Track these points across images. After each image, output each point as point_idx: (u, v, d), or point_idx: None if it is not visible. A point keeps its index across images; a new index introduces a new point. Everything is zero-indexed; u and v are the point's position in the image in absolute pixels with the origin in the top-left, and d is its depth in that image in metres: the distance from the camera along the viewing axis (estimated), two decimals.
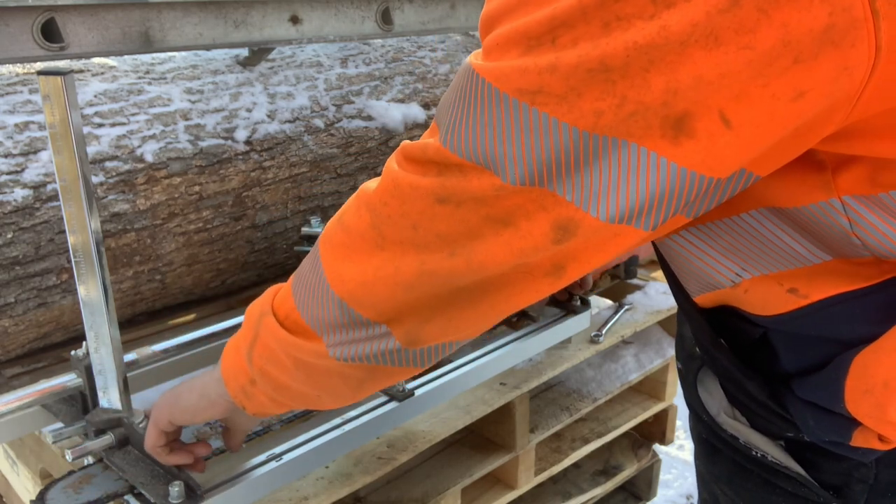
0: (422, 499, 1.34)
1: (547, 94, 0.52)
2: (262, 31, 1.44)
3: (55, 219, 1.21)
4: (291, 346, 0.74)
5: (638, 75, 0.50)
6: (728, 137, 0.51)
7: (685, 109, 0.50)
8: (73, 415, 1.06)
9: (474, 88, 0.56)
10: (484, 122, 0.56)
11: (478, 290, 0.64)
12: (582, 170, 0.54)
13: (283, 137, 1.50)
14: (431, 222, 0.61)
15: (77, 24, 1.20)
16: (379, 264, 0.65)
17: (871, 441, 0.67)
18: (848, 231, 0.61)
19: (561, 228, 0.57)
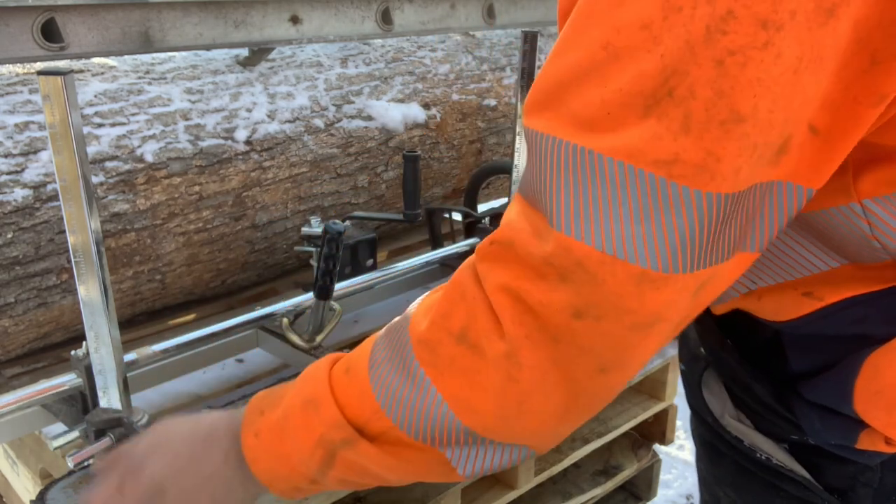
0: (422, 499, 1.34)
1: (684, 164, 0.47)
2: (262, 31, 1.44)
3: (55, 219, 1.21)
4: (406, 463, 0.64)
5: (766, 118, 0.47)
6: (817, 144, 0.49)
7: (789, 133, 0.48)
8: (73, 415, 1.06)
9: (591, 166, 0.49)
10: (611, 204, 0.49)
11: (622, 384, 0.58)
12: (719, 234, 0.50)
13: (283, 137, 1.50)
14: (573, 338, 0.53)
15: (77, 24, 1.20)
16: (522, 396, 0.56)
17: (877, 444, 0.66)
18: (868, 235, 0.60)
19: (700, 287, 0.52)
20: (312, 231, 1.46)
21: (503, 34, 2.08)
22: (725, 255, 0.51)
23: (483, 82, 1.93)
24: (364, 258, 1.49)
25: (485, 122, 1.91)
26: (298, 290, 1.51)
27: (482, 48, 1.99)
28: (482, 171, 1.77)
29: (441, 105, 1.81)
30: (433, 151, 1.81)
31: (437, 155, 1.82)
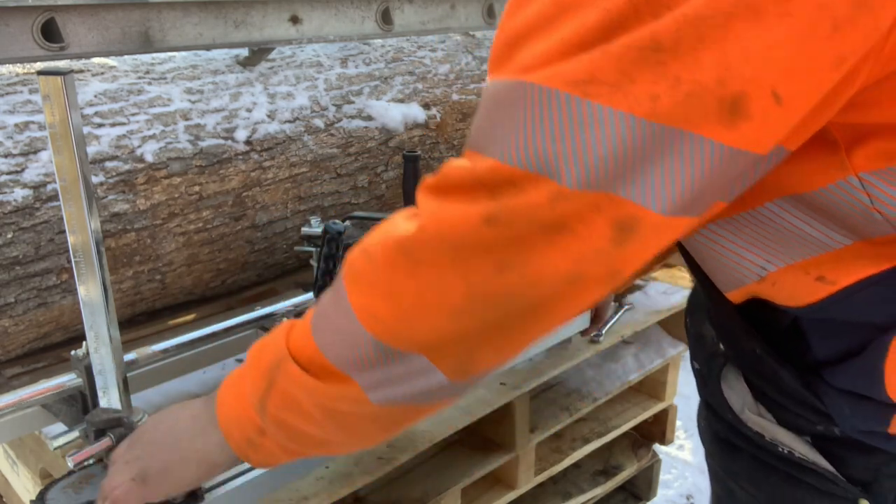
0: (422, 499, 1.34)
1: (599, 83, 0.51)
2: (262, 31, 1.44)
3: (55, 219, 1.21)
4: (321, 393, 0.68)
5: (689, 53, 0.49)
6: (779, 113, 0.51)
7: (740, 90, 0.50)
8: (73, 415, 1.06)
9: (519, 95, 0.54)
10: (535, 126, 0.53)
11: (531, 309, 0.59)
12: (640, 163, 0.52)
13: (283, 137, 1.50)
14: (477, 242, 0.57)
15: (77, 24, 1.20)
16: (417, 294, 0.60)
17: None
18: (869, 207, 0.60)
19: (621, 227, 0.54)
20: (312, 231, 1.45)
21: None
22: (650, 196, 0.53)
23: (483, 82, 1.93)
24: None
25: None
26: (298, 290, 1.51)
27: (482, 48, 1.99)
28: None
29: (441, 105, 1.81)
30: (433, 151, 1.81)
31: (437, 155, 1.82)
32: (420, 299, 0.60)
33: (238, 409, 0.74)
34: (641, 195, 0.52)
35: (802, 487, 0.76)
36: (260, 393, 0.71)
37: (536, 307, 0.59)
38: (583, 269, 0.56)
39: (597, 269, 0.56)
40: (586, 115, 0.51)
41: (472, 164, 0.57)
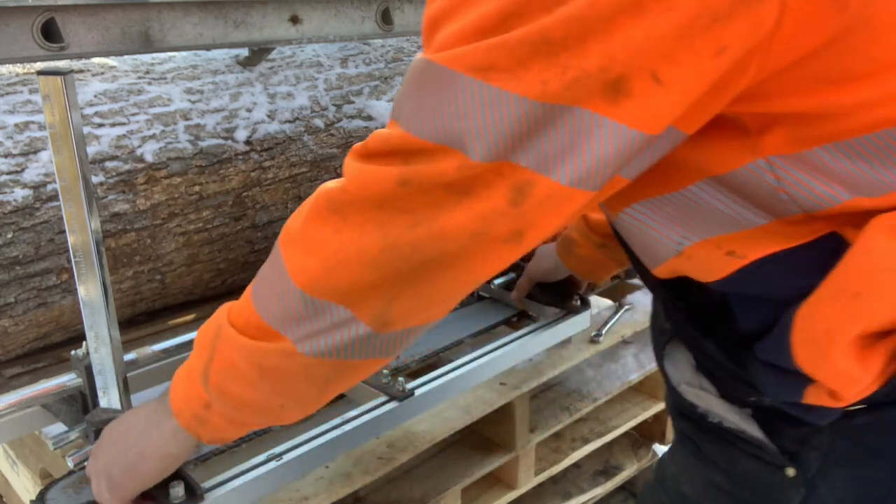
0: (422, 499, 1.34)
1: (497, 70, 0.57)
2: (262, 31, 1.43)
3: (55, 219, 1.21)
4: (255, 351, 0.73)
5: (576, 46, 0.55)
6: (660, 94, 0.56)
7: (621, 73, 0.55)
8: (73, 415, 1.06)
9: (432, 75, 0.60)
10: (445, 104, 0.59)
11: (441, 263, 0.65)
12: (535, 137, 0.58)
13: (283, 137, 1.50)
14: (394, 202, 0.63)
15: (77, 24, 1.20)
16: (340, 247, 0.66)
17: (822, 398, 0.68)
18: (776, 188, 0.65)
19: (517, 190, 0.60)
20: None
21: None
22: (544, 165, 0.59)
23: None
24: None
25: None
26: None
27: None
28: None
29: None
30: None
31: None
32: (342, 252, 0.66)
33: (187, 386, 0.79)
34: (536, 164, 0.59)
35: (736, 450, 0.80)
36: (203, 364, 0.76)
37: (445, 260, 0.65)
38: (485, 226, 0.62)
39: (498, 228, 0.62)
40: (487, 96, 0.58)
41: (390, 133, 0.64)
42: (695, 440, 0.87)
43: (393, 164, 0.63)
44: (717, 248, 0.71)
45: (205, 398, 0.77)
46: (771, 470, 0.76)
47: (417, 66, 0.62)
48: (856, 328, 0.64)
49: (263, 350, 0.72)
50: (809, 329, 0.66)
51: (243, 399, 0.75)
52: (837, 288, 0.64)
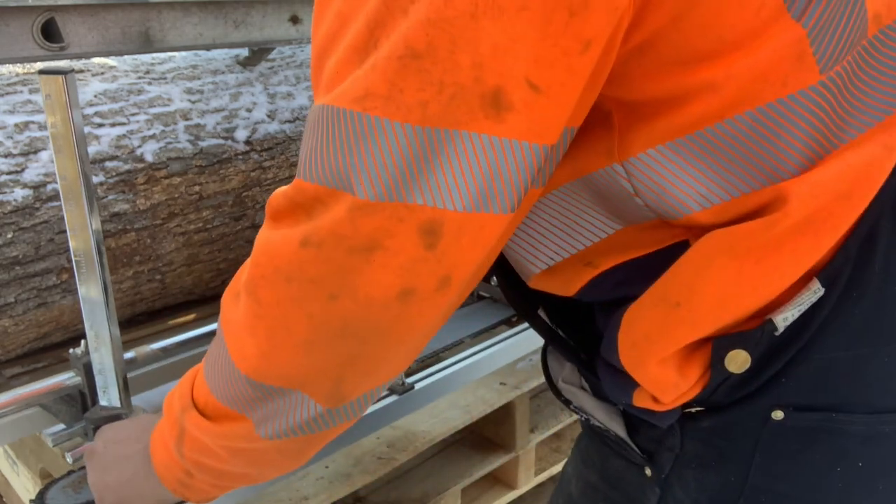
0: (422, 499, 1.34)
1: (374, 97, 0.53)
2: (262, 31, 1.43)
3: (55, 219, 1.21)
4: (219, 436, 0.70)
5: (447, 58, 0.52)
6: (542, 102, 0.53)
7: (496, 84, 0.52)
8: (72, 415, 1.06)
9: (319, 118, 0.56)
10: (330, 144, 0.55)
11: (379, 332, 0.60)
12: (425, 167, 0.54)
13: (283, 137, 1.50)
14: (300, 270, 0.58)
15: (77, 24, 1.20)
16: (267, 332, 0.61)
17: (647, 401, 0.68)
18: (631, 193, 0.62)
19: (427, 232, 0.55)
20: None
21: None
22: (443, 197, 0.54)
23: None
24: None
25: None
26: None
27: None
28: None
29: None
30: None
31: None
32: (272, 337, 0.61)
33: (165, 456, 0.76)
34: (435, 197, 0.54)
35: (608, 450, 0.80)
36: (175, 440, 0.74)
37: (382, 329, 0.59)
38: (409, 282, 0.57)
39: (424, 280, 0.57)
40: (367, 127, 0.53)
41: (289, 189, 0.59)
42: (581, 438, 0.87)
43: (299, 223, 0.58)
44: (579, 261, 0.69)
45: (184, 468, 0.75)
46: (634, 469, 0.76)
47: (310, 115, 0.58)
48: (674, 336, 0.63)
49: (227, 434, 0.69)
50: (631, 332, 0.65)
51: (222, 471, 0.73)
52: (660, 295, 0.63)
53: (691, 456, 0.70)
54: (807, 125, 0.58)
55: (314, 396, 0.64)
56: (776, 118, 0.57)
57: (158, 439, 0.78)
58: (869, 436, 0.64)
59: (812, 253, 0.60)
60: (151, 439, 0.79)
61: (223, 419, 0.69)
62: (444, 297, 0.59)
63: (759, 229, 0.58)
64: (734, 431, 0.67)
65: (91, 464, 0.86)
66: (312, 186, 0.57)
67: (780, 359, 0.63)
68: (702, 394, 0.66)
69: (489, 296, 1.53)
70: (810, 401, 0.64)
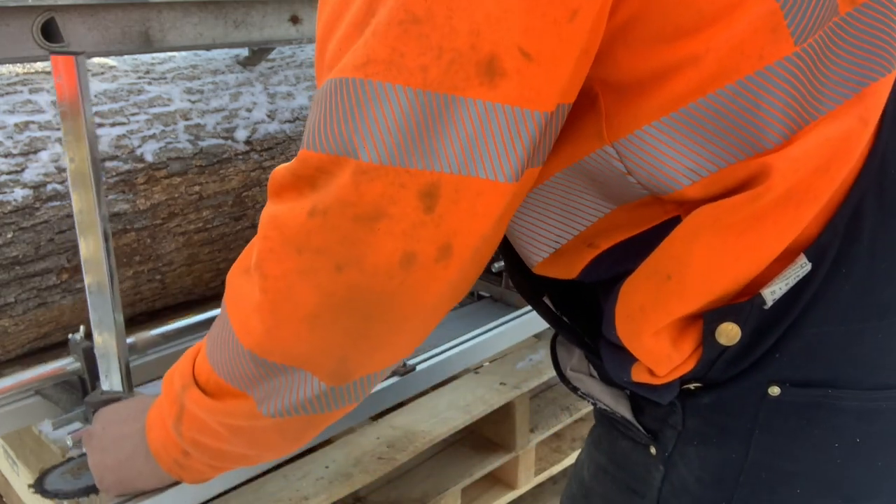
0: (422, 499, 1.34)
1: (375, 62, 0.54)
2: (262, 31, 1.44)
3: (55, 219, 1.21)
4: (221, 413, 0.71)
5: (445, 23, 0.53)
6: (534, 69, 0.55)
7: (491, 52, 0.54)
8: (72, 401, 1.06)
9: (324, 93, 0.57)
10: (334, 114, 0.57)
11: (384, 303, 0.61)
12: (425, 131, 0.55)
13: (283, 137, 1.50)
14: (308, 240, 0.59)
15: (77, 24, 1.20)
16: (273, 306, 0.62)
17: (644, 375, 0.69)
18: (624, 173, 0.64)
19: (426, 195, 0.56)
20: None
21: None
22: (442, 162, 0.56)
23: None
24: None
25: None
26: None
27: None
28: None
29: None
30: None
31: None
32: (279, 312, 0.62)
33: (162, 435, 0.77)
34: (433, 162, 0.55)
35: (616, 433, 0.82)
36: (173, 418, 0.75)
37: (386, 299, 0.60)
38: (410, 247, 0.58)
39: (425, 246, 0.58)
40: (370, 92, 0.55)
41: (296, 160, 0.60)
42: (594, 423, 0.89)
43: (304, 194, 0.59)
44: (582, 243, 0.71)
45: (181, 447, 0.76)
46: (640, 449, 0.78)
47: (315, 96, 0.59)
48: (666, 308, 0.64)
49: (228, 411, 0.70)
50: (627, 304, 0.67)
51: (218, 450, 0.74)
52: (653, 268, 0.65)
53: (693, 433, 0.72)
54: (785, 95, 0.59)
55: (318, 374, 0.65)
56: (755, 89, 0.59)
57: (156, 418, 0.79)
58: (864, 411, 0.66)
59: (793, 226, 0.62)
60: (148, 418, 0.80)
61: (225, 396, 0.70)
62: (445, 271, 0.60)
63: (743, 203, 0.60)
64: (733, 408, 0.68)
65: (90, 445, 0.87)
66: (316, 155, 0.58)
67: (772, 333, 0.64)
68: (698, 368, 0.67)
69: (489, 295, 1.53)
70: (805, 376, 0.65)
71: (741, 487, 0.69)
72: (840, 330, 0.64)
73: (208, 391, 0.72)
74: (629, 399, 0.77)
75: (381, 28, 0.54)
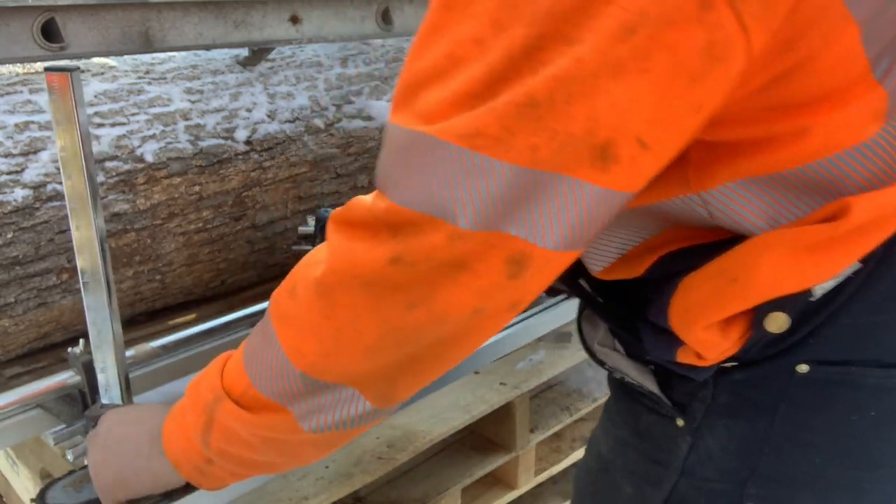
0: (422, 499, 1.34)
1: (485, 136, 0.56)
2: (262, 31, 1.44)
3: (55, 219, 1.21)
4: (257, 426, 0.73)
5: (562, 109, 0.55)
6: (647, 157, 0.57)
7: (607, 137, 0.55)
8: (73, 415, 1.06)
9: (420, 145, 0.58)
10: (430, 173, 0.58)
11: (443, 342, 0.65)
12: (525, 204, 0.57)
13: (283, 137, 1.50)
14: (385, 281, 0.61)
15: (77, 24, 1.20)
16: (335, 332, 0.65)
17: (690, 357, 0.74)
18: (706, 219, 0.68)
19: (514, 262, 0.59)
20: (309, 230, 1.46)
21: None
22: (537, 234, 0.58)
23: None
24: None
25: None
26: None
27: None
28: None
29: None
30: None
31: None
32: (339, 338, 0.65)
33: (184, 443, 0.79)
34: (529, 233, 0.58)
35: (639, 405, 0.85)
36: (201, 429, 0.76)
37: (446, 340, 0.65)
38: (484, 303, 0.61)
39: (497, 302, 0.62)
40: (475, 165, 0.57)
41: (375, 204, 0.62)
42: (613, 398, 0.93)
43: (382, 240, 0.61)
44: (647, 250, 0.75)
45: (206, 456, 0.77)
46: (665, 421, 0.82)
47: (402, 136, 0.60)
48: (726, 307, 0.69)
49: (266, 425, 0.73)
50: (685, 299, 0.71)
51: (248, 459, 0.76)
52: (719, 270, 0.68)
53: (722, 406, 0.76)
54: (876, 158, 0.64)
55: (367, 395, 0.69)
56: (849, 160, 0.63)
57: (176, 428, 0.80)
58: (879, 388, 0.70)
59: (864, 249, 0.66)
60: (165, 427, 0.81)
61: (262, 410, 0.72)
62: (509, 316, 0.65)
63: (820, 231, 0.64)
64: (763, 383, 0.73)
65: (92, 443, 0.88)
66: (408, 211, 0.59)
67: (812, 321, 0.69)
68: (741, 352, 0.72)
69: None
70: (833, 356, 0.70)
71: (765, 456, 0.74)
72: (873, 319, 0.69)
73: (244, 404, 0.73)
74: (654, 374, 0.81)
75: (498, 106, 0.55)
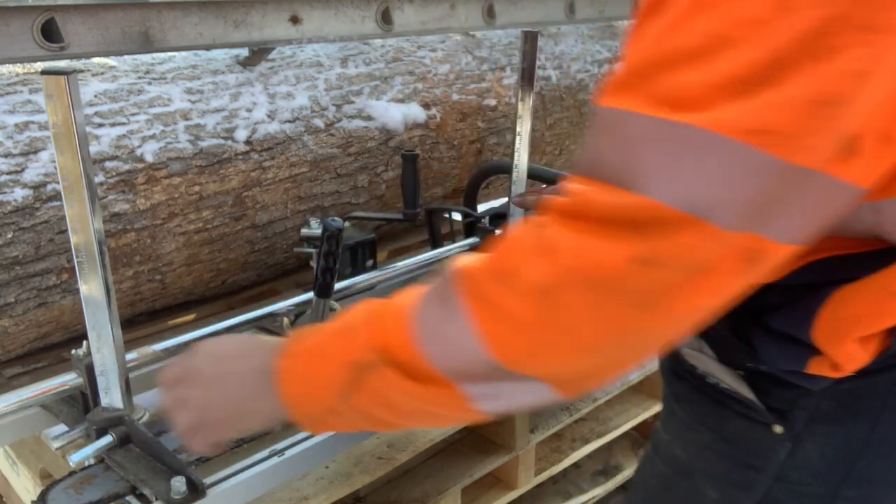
0: (422, 499, 1.34)
1: (775, 134, 0.52)
2: (262, 31, 1.44)
3: (55, 219, 1.21)
4: (418, 398, 0.68)
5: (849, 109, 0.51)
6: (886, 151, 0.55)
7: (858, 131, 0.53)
8: (74, 415, 1.05)
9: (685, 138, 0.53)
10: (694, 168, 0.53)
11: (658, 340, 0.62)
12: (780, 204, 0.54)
13: (283, 137, 1.50)
14: (623, 282, 0.56)
15: (77, 24, 1.20)
16: (548, 330, 0.60)
17: (824, 369, 0.74)
18: (873, 228, 0.67)
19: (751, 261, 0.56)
20: (312, 232, 1.46)
21: (503, 34, 2.08)
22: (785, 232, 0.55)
23: (483, 82, 1.93)
24: (364, 259, 1.50)
25: (485, 122, 1.91)
26: (298, 290, 1.51)
27: (482, 48, 1.99)
28: (482, 171, 1.77)
29: (441, 105, 1.81)
30: (433, 151, 1.81)
31: (437, 155, 1.83)
32: (553, 338, 0.61)
33: (310, 389, 0.73)
34: (779, 232, 0.55)
35: (728, 411, 0.84)
36: (341, 385, 0.70)
37: (663, 338, 0.62)
38: (716, 301, 0.58)
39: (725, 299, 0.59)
40: (752, 162, 0.52)
41: (617, 199, 0.55)
42: (690, 402, 0.90)
43: (624, 239, 0.55)
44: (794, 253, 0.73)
45: (335, 408, 0.72)
46: (759, 427, 0.81)
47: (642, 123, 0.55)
48: (885, 321, 0.69)
49: (429, 398, 0.67)
50: (839, 310, 0.70)
51: (385, 421, 0.72)
52: (881, 284, 0.68)
53: (824, 414, 0.77)
54: None
55: (557, 387, 0.65)
56: None
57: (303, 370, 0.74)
58: None
59: None
60: (282, 366, 0.75)
61: (430, 384, 0.67)
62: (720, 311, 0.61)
63: None
64: (868, 391, 0.75)
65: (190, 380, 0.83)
66: (664, 208, 0.54)
67: None
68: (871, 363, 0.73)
69: None
70: None
71: (860, 459, 0.76)
72: None
73: (410, 373, 0.67)
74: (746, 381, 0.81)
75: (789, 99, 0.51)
